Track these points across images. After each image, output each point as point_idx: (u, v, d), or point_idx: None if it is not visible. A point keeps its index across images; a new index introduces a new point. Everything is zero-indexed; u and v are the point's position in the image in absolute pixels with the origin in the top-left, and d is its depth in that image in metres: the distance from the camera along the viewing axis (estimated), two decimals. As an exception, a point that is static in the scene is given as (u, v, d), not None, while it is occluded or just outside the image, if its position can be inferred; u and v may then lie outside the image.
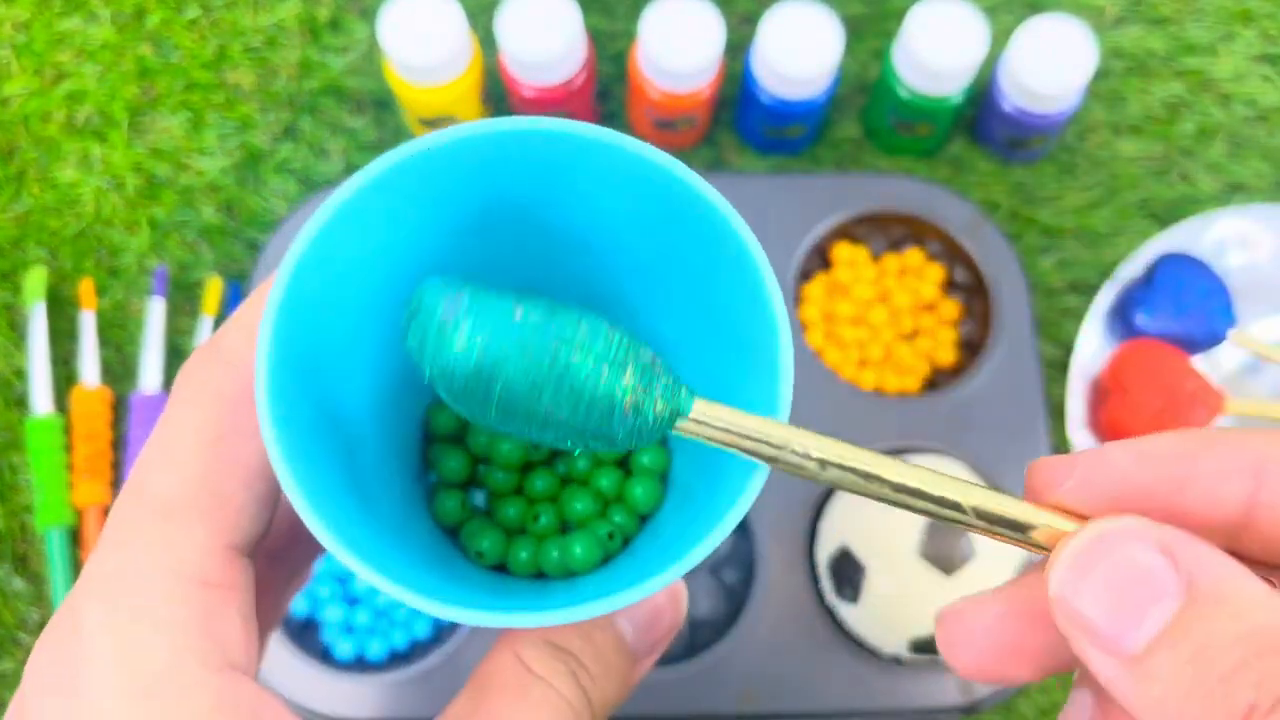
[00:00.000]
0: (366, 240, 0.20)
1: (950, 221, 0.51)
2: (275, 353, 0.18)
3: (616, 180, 0.20)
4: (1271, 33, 0.58)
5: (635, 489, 0.23)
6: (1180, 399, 0.48)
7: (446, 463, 0.24)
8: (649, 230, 0.21)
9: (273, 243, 0.50)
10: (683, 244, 0.21)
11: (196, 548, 0.19)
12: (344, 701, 0.44)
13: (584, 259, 0.23)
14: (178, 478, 0.19)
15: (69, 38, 0.57)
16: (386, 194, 0.20)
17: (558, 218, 0.22)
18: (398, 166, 0.19)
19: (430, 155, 0.19)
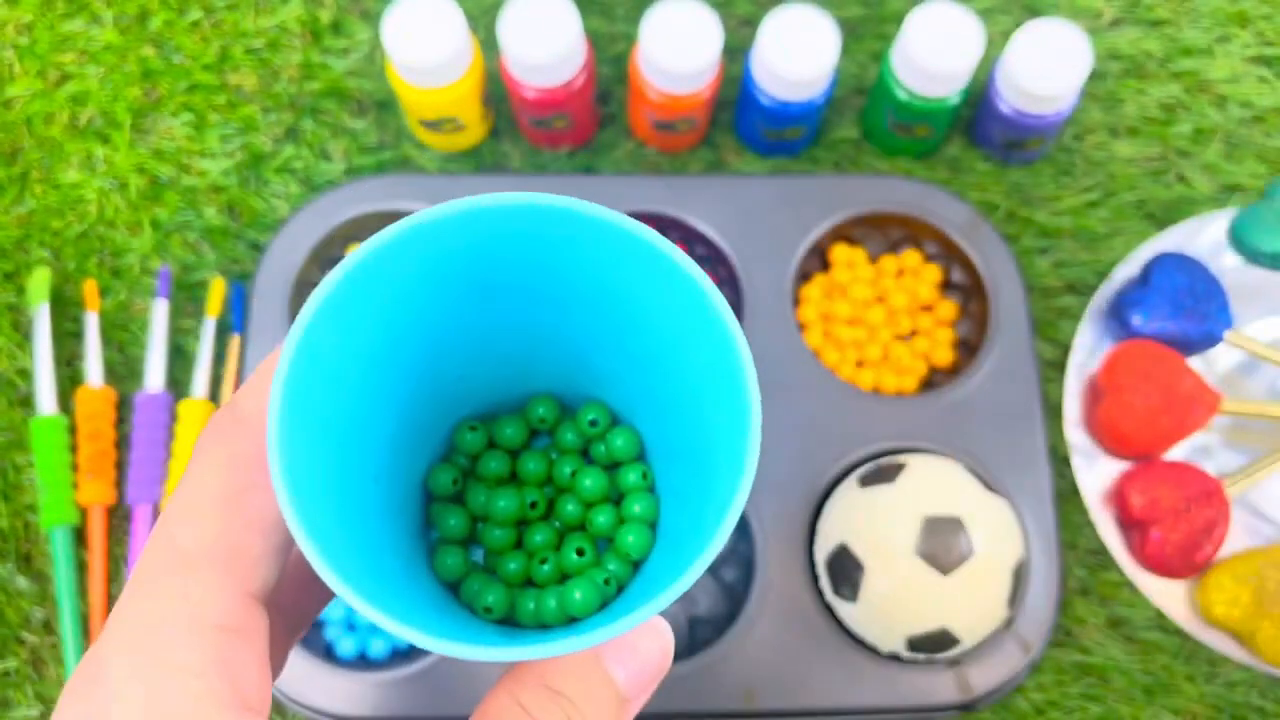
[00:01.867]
0: (371, 305, 0.21)
1: (948, 222, 0.52)
2: (285, 414, 0.20)
3: (605, 253, 0.22)
4: (1267, 35, 0.58)
5: (626, 535, 0.24)
6: (1177, 399, 0.49)
7: (447, 520, 0.25)
8: (631, 298, 0.23)
9: (275, 243, 0.50)
10: (661, 310, 0.22)
11: (216, 596, 0.20)
12: (346, 699, 0.44)
13: (572, 325, 0.25)
14: (199, 531, 0.20)
15: (72, 39, 0.57)
16: (390, 262, 0.21)
17: (547, 284, 0.23)
18: (402, 237, 0.20)
19: (434, 226, 0.21)
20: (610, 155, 0.56)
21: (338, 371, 0.21)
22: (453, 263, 0.22)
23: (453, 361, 0.25)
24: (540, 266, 0.23)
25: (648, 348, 0.24)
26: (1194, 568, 0.48)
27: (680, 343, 0.23)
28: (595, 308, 0.24)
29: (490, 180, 0.52)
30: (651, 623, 0.22)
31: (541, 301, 0.24)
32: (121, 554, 0.50)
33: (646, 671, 0.22)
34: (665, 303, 0.22)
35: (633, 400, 0.26)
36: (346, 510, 0.22)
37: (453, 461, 0.26)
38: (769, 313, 0.50)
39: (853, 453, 0.48)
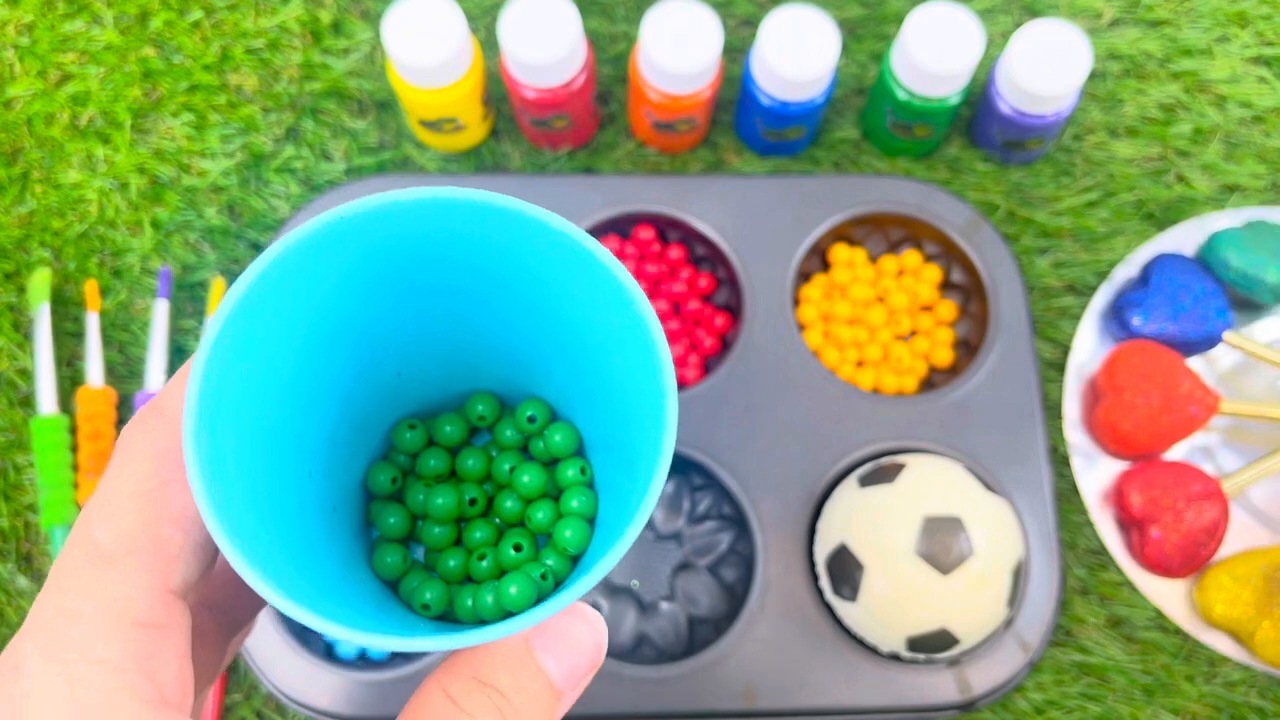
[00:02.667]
0: (293, 303, 0.21)
1: (948, 222, 0.52)
2: (201, 410, 0.19)
3: (528, 249, 0.22)
4: (1267, 35, 0.58)
5: (564, 530, 0.25)
6: (1176, 399, 0.49)
7: (386, 519, 0.26)
8: (558, 293, 0.23)
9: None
10: (586, 306, 0.23)
11: (135, 591, 0.20)
12: (347, 699, 0.44)
13: (504, 323, 0.25)
14: (117, 526, 0.20)
15: (73, 40, 0.57)
16: (310, 256, 0.21)
17: (476, 282, 0.23)
18: (318, 233, 0.20)
19: (349, 222, 0.20)
20: (610, 155, 0.56)
21: (261, 368, 0.21)
22: (377, 260, 0.22)
23: (387, 360, 0.25)
24: (468, 264, 0.23)
25: (578, 343, 0.24)
26: (1193, 567, 0.48)
27: (606, 338, 0.23)
28: (525, 305, 0.24)
29: (490, 180, 0.52)
30: (584, 614, 0.22)
31: (472, 299, 0.24)
32: (122, 554, 0.50)
33: (579, 663, 0.22)
34: (589, 298, 0.22)
35: (569, 396, 0.26)
36: (276, 508, 0.22)
37: (392, 460, 0.26)
38: (769, 313, 0.50)
39: (853, 453, 0.48)
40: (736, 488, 0.47)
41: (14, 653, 0.19)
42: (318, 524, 0.24)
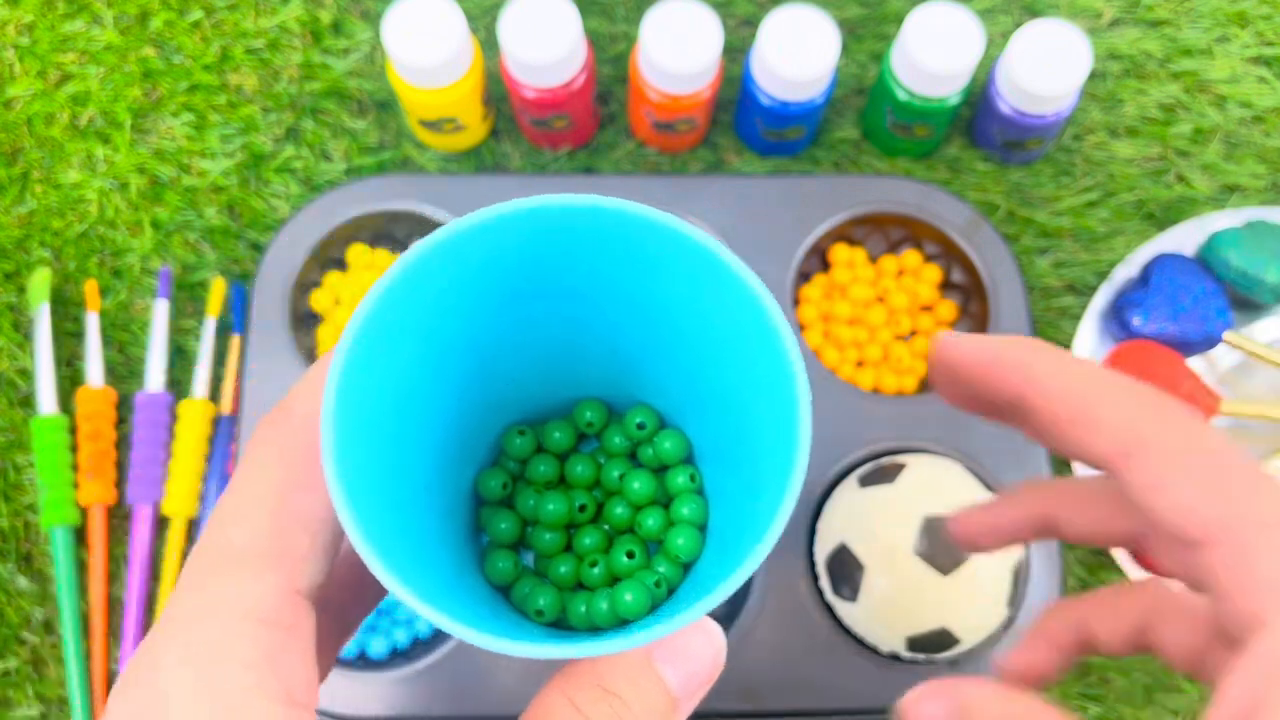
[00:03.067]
0: (420, 309, 0.22)
1: (947, 222, 0.52)
2: (339, 415, 0.20)
3: (650, 253, 0.22)
4: (1267, 35, 0.58)
5: (676, 539, 0.25)
6: (1176, 399, 0.49)
7: (497, 524, 0.26)
8: (678, 300, 0.23)
9: (275, 244, 0.50)
10: (709, 312, 0.22)
11: (265, 592, 0.20)
12: (346, 698, 0.44)
13: (619, 329, 0.25)
14: (248, 528, 0.21)
15: (73, 40, 0.57)
16: (438, 265, 0.21)
17: (593, 287, 0.23)
18: (448, 240, 0.21)
19: (479, 230, 0.21)
20: (610, 155, 0.56)
21: (388, 374, 0.22)
22: (498, 267, 0.22)
23: (500, 366, 0.25)
24: (585, 269, 0.23)
25: (695, 351, 0.24)
26: (1194, 568, 0.48)
27: (728, 346, 0.22)
28: (640, 310, 0.24)
29: (490, 180, 0.52)
30: (703, 625, 0.23)
31: (586, 304, 0.24)
32: (121, 554, 0.50)
33: (698, 674, 0.23)
34: (713, 305, 0.22)
35: (680, 403, 0.26)
36: (398, 512, 0.22)
37: (502, 466, 0.27)
38: (769, 313, 0.50)
39: (853, 453, 0.48)
40: (736, 488, 0.47)
41: (149, 650, 0.20)
42: (434, 528, 0.24)
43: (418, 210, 0.51)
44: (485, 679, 0.44)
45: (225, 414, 0.51)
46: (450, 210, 0.51)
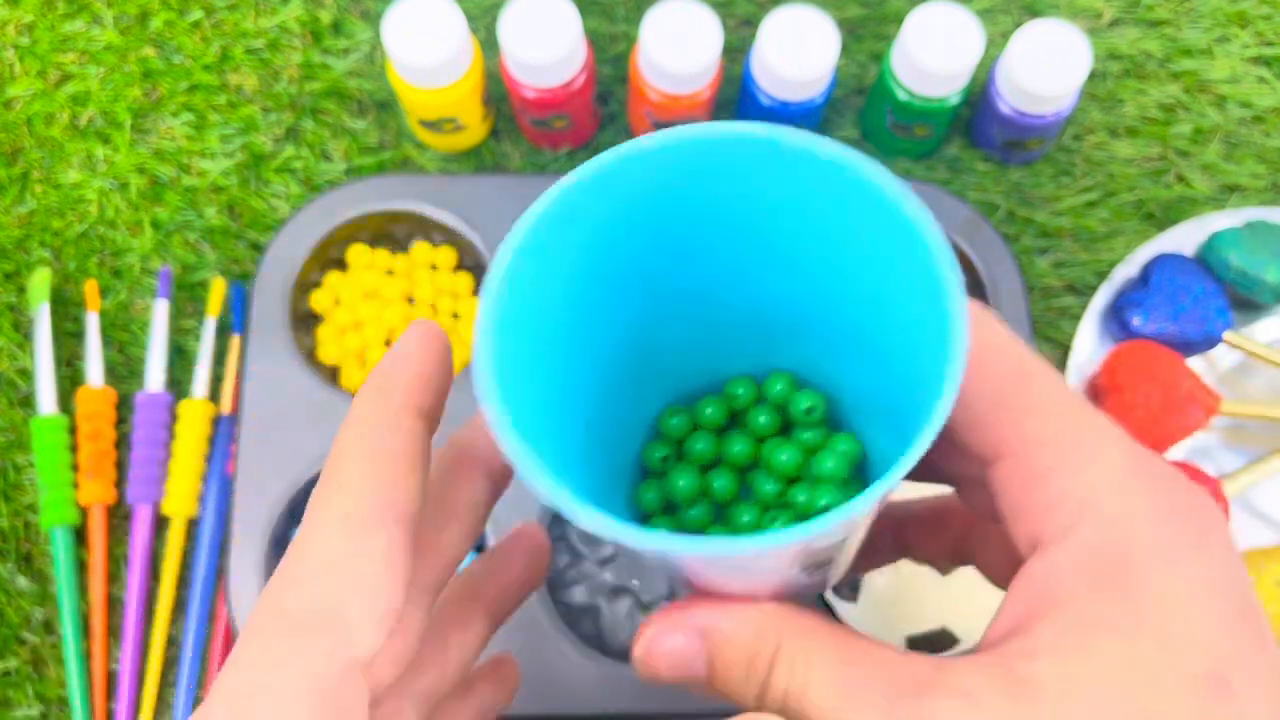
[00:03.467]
0: (564, 247, 0.21)
1: (947, 223, 0.52)
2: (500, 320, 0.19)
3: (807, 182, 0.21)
4: (1267, 35, 0.58)
5: (819, 499, 0.24)
6: (1176, 399, 0.49)
7: (650, 497, 0.26)
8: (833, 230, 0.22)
9: (275, 244, 0.50)
10: (862, 241, 0.21)
11: (321, 661, 0.20)
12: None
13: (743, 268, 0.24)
14: (307, 594, 0.21)
15: (73, 40, 0.57)
16: (595, 193, 0.20)
17: (722, 227, 0.22)
18: (611, 166, 0.20)
19: (642, 157, 0.20)
20: (610, 155, 0.56)
21: (534, 322, 0.21)
22: (639, 210, 0.21)
23: (648, 322, 0.24)
24: (729, 213, 0.22)
25: (842, 299, 0.23)
26: (1193, 568, 0.48)
27: (882, 286, 0.21)
28: (787, 258, 0.23)
29: (490, 180, 0.52)
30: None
31: (730, 252, 0.23)
32: (122, 554, 0.50)
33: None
34: (869, 240, 0.21)
35: (819, 361, 0.25)
36: (552, 427, 0.21)
37: (663, 439, 0.27)
38: (769, 313, 0.50)
39: (852, 453, 0.48)
40: (736, 488, 0.47)
41: (206, 718, 0.20)
42: (592, 449, 0.24)
43: (418, 210, 0.51)
44: (485, 679, 0.45)
45: (225, 414, 0.51)
46: (451, 210, 0.51)
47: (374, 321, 0.51)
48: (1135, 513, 0.20)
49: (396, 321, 0.51)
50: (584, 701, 0.44)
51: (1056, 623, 0.20)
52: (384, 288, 0.51)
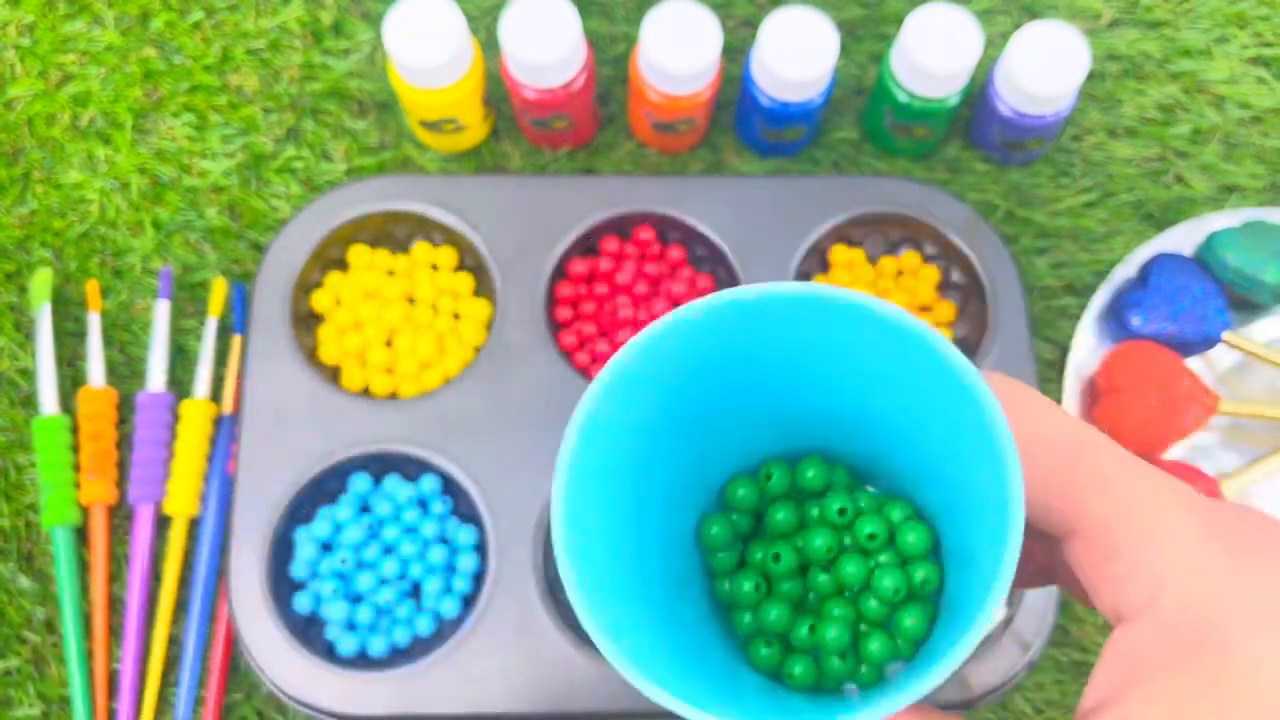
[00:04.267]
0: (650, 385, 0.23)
1: (947, 223, 0.52)
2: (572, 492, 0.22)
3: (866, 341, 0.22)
4: (1265, 35, 0.58)
5: (904, 619, 0.24)
6: (1175, 399, 0.49)
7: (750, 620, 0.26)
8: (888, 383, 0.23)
9: (276, 244, 0.50)
10: (922, 399, 0.23)
11: None
12: (348, 698, 0.44)
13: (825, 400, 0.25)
14: None
15: (74, 40, 0.57)
16: (659, 352, 0.23)
17: (798, 365, 0.24)
18: (685, 322, 0.22)
19: (688, 324, 0.22)
20: (610, 156, 0.56)
21: (611, 455, 0.23)
22: (714, 347, 0.23)
23: (718, 430, 0.26)
24: (792, 356, 0.24)
25: (905, 430, 0.24)
26: (1192, 567, 0.48)
27: (938, 435, 0.23)
28: (850, 397, 0.24)
29: (491, 180, 0.52)
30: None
31: (792, 386, 0.25)
32: (123, 553, 0.50)
33: None
34: (925, 390, 0.22)
35: (891, 479, 0.26)
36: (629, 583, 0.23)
37: (751, 569, 0.26)
38: (768, 313, 0.50)
39: (852, 452, 0.49)
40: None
41: None
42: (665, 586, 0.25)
43: (418, 210, 0.51)
44: (487, 678, 0.45)
45: (227, 414, 0.51)
46: (451, 210, 0.51)
47: (374, 322, 0.51)
48: (1211, 575, 0.20)
49: (397, 321, 0.51)
50: (584, 701, 0.44)
51: (1146, 695, 0.20)
52: (385, 288, 0.52)
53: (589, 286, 0.52)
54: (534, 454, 0.47)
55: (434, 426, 0.48)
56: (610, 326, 0.51)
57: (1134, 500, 0.21)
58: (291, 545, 0.48)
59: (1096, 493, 0.21)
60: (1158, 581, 0.20)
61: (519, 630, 0.45)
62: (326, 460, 0.47)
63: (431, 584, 0.47)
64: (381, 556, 0.48)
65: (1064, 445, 0.22)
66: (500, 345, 0.49)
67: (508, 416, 0.48)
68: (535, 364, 0.49)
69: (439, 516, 0.48)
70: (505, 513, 0.47)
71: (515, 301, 0.50)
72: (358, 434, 0.48)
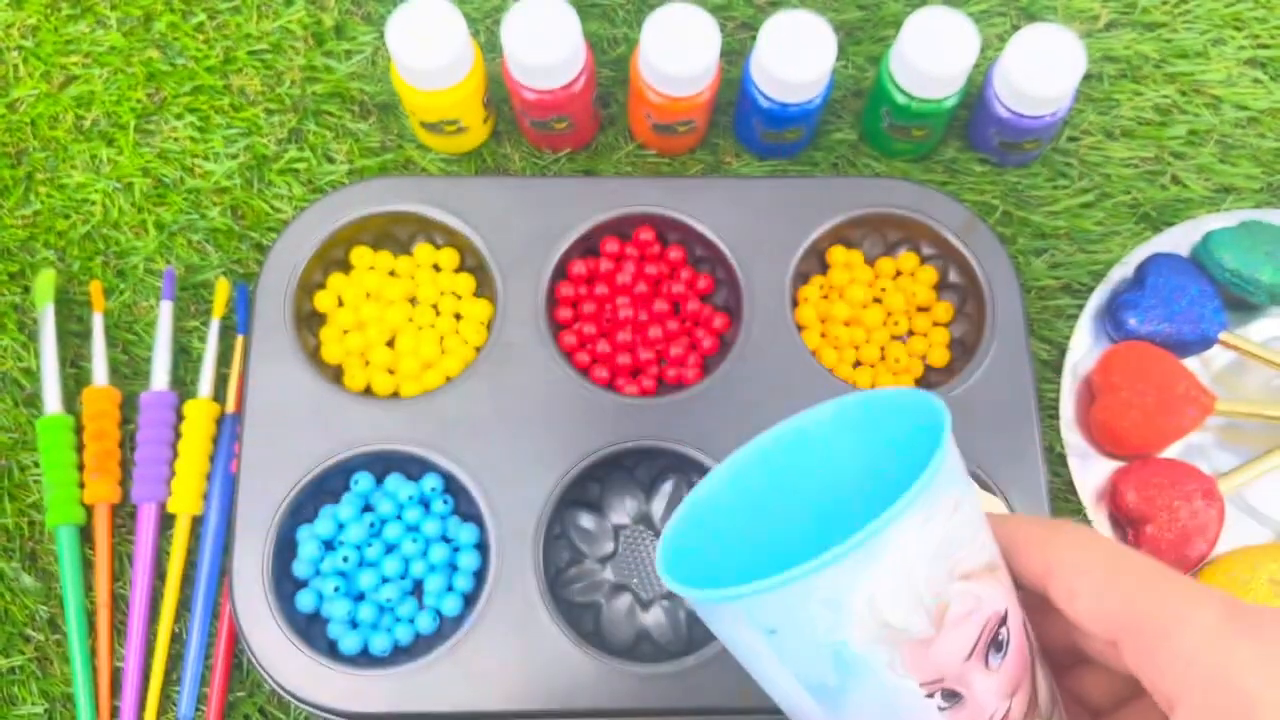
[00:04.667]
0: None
1: (944, 224, 0.52)
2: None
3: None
4: (1262, 37, 0.59)
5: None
6: (1172, 399, 0.49)
7: None
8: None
9: (278, 245, 0.51)
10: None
11: None
12: (350, 696, 0.45)
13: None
14: None
15: (77, 42, 0.58)
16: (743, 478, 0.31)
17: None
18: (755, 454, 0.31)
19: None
20: (610, 157, 0.56)
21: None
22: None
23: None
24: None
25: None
26: (1187, 565, 0.49)
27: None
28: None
29: (491, 182, 0.53)
30: None
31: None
32: (127, 552, 0.50)
33: None
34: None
35: None
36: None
37: None
38: (767, 313, 0.51)
39: (850, 452, 0.49)
40: (735, 486, 0.48)
41: None
42: None
43: (420, 212, 0.51)
44: (488, 676, 0.45)
45: (230, 413, 0.52)
46: (452, 212, 0.51)
47: (376, 322, 0.51)
48: (1242, 664, 0.23)
49: (399, 322, 0.51)
50: (584, 699, 0.45)
51: None
52: (386, 289, 0.52)
53: (589, 287, 0.52)
54: (535, 453, 0.48)
55: (435, 426, 0.48)
56: (610, 327, 0.52)
57: (1165, 600, 0.25)
58: (294, 544, 0.48)
59: (1133, 599, 0.25)
60: (1190, 670, 0.24)
61: (520, 628, 0.45)
62: (329, 459, 0.48)
63: (433, 582, 0.47)
64: (383, 555, 0.48)
65: (1102, 566, 0.26)
66: (501, 346, 0.50)
67: (509, 416, 0.48)
68: (536, 364, 0.49)
69: (440, 515, 0.49)
70: (506, 511, 0.47)
71: (516, 302, 0.50)
72: (360, 434, 0.48)
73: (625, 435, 0.48)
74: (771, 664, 0.27)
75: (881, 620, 0.25)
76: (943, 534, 0.25)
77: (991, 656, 0.26)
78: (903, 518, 0.24)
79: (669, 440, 0.48)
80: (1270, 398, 0.53)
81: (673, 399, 0.49)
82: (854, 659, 0.25)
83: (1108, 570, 0.26)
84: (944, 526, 0.25)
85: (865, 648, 0.25)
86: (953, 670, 0.26)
